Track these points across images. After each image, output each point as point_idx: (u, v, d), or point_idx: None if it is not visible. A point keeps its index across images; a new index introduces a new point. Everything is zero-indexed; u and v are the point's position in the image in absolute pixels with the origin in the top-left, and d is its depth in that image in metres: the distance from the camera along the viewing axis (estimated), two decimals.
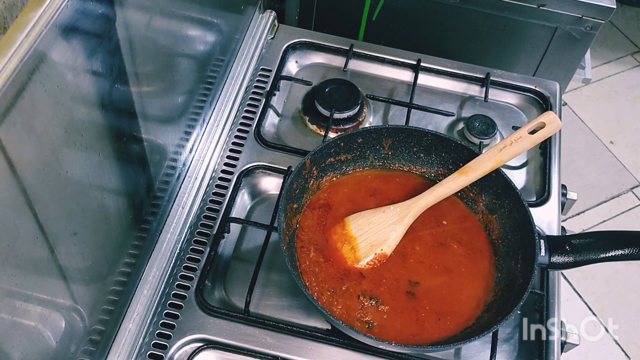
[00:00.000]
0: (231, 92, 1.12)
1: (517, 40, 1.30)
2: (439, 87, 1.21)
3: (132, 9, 0.72)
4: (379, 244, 0.91)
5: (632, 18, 2.53)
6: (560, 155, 1.11)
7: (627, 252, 0.85)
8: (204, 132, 1.05)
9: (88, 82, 0.65)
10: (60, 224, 0.65)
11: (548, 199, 1.05)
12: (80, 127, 0.65)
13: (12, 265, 0.57)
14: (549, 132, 0.92)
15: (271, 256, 0.95)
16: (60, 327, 0.70)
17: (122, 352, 0.84)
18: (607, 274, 1.85)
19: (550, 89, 1.20)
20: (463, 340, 0.81)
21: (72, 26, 0.59)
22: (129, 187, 0.81)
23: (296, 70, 1.22)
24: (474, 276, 0.91)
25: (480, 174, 0.93)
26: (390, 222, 0.92)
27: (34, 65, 0.54)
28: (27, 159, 0.57)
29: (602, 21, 1.21)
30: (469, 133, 1.12)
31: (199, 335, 0.87)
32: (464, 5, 1.25)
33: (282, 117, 1.14)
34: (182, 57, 0.91)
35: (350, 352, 0.88)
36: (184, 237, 0.95)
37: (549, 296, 0.94)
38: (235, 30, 1.14)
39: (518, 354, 0.90)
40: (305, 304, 0.91)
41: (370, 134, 0.98)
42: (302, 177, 0.93)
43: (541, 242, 0.88)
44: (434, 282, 0.90)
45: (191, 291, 0.91)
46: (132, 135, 0.80)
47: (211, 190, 1.01)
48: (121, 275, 0.84)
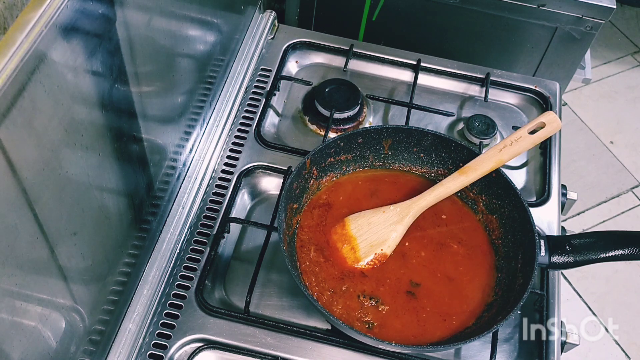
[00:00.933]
0: (231, 92, 1.12)
1: (517, 40, 1.30)
2: (439, 87, 1.21)
3: (132, 9, 0.72)
4: (379, 244, 0.91)
5: (632, 18, 2.53)
6: (560, 155, 1.11)
7: (627, 252, 0.85)
8: (204, 132, 1.05)
9: (88, 82, 0.65)
10: (60, 224, 0.65)
11: (548, 199, 1.05)
12: (80, 127, 0.65)
13: (12, 265, 0.57)
14: (549, 132, 0.92)
15: (271, 256, 0.95)
16: (60, 327, 0.70)
17: (122, 352, 0.84)
18: (607, 274, 1.85)
19: (550, 89, 1.20)
20: (463, 340, 0.81)
21: (72, 26, 0.59)
22: (129, 187, 0.81)
23: (296, 70, 1.22)
24: (474, 276, 0.91)
25: (480, 174, 0.93)
26: (390, 222, 0.92)
27: (34, 65, 0.54)
28: (27, 159, 0.57)
29: (602, 21, 1.21)
30: (469, 133, 1.12)
31: (199, 335, 0.87)
32: (464, 5, 1.25)
33: (282, 117, 1.14)
34: (182, 57, 0.91)
35: (350, 352, 0.88)
36: (184, 237, 0.95)
37: (549, 296, 0.94)
38: (235, 30, 1.14)
39: (518, 354, 0.90)
40: (305, 304, 0.91)
41: (370, 134, 0.98)
42: (302, 177, 0.93)
43: (541, 242, 0.88)
44: (434, 282, 0.90)
45: (191, 291, 0.91)
46: (132, 135, 0.80)
47: (211, 190, 1.01)
48: (121, 275, 0.84)
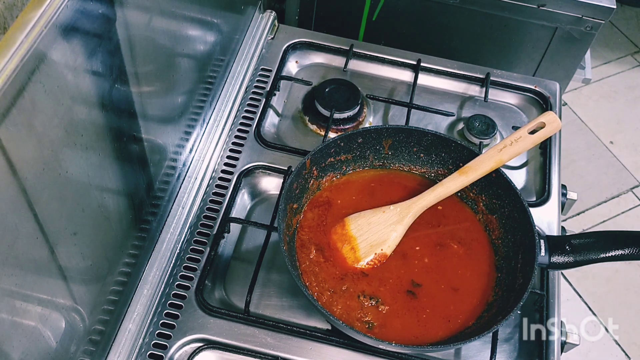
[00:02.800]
0: (231, 92, 1.12)
1: (517, 40, 1.30)
2: (439, 87, 1.21)
3: (132, 9, 0.72)
4: (379, 244, 0.91)
5: (632, 18, 2.53)
6: (560, 155, 1.11)
7: (627, 252, 0.85)
8: (204, 132, 1.05)
9: (88, 82, 0.65)
10: (60, 224, 0.65)
11: (548, 199, 1.05)
12: (80, 127, 0.65)
13: (12, 265, 0.57)
14: (549, 132, 0.92)
15: (271, 256, 0.95)
16: (60, 327, 0.70)
17: (122, 352, 0.84)
18: (607, 274, 1.85)
19: (550, 89, 1.20)
20: (463, 340, 0.81)
21: (72, 26, 0.59)
22: (129, 187, 0.81)
23: (296, 70, 1.22)
24: (473, 276, 0.91)
25: (480, 174, 0.93)
26: (390, 222, 0.92)
27: (34, 65, 0.54)
28: (27, 159, 0.57)
29: (602, 21, 1.21)
30: (469, 133, 1.12)
31: (199, 335, 0.87)
32: (464, 5, 1.25)
33: (282, 117, 1.14)
34: (182, 57, 0.91)
35: (350, 352, 0.88)
36: (184, 237, 0.95)
37: (549, 296, 0.94)
38: (235, 30, 1.14)
39: (518, 354, 0.90)
40: (305, 304, 0.91)
41: (370, 134, 0.98)
42: (302, 177, 0.93)
43: (541, 242, 0.88)
44: (434, 282, 0.90)
45: (191, 291, 0.91)
46: (132, 135, 0.80)
47: (211, 190, 1.01)
48: (121, 275, 0.84)
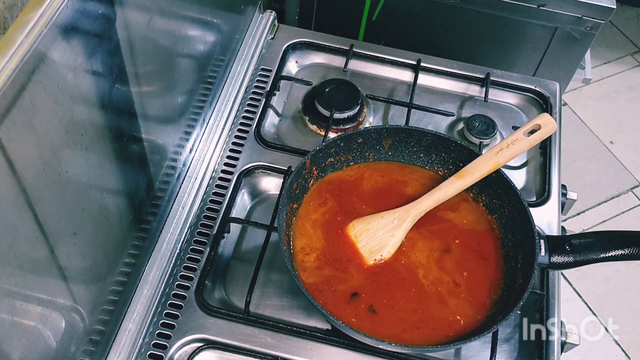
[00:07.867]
0: (231, 92, 1.12)
1: (517, 40, 1.30)
2: (439, 87, 1.21)
3: (132, 9, 0.72)
4: (379, 249, 0.91)
5: (632, 18, 2.53)
6: (560, 155, 1.11)
7: (627, 252, 0.85)
8: (204, 132, 1.05)
9: (88, 82, 0.65)
10: (60, 224, 0.65)
11: (548, 199, 1.05)
12: (80, 127, 0.65)
13: (12, 265, 0.57)
14: (545, 134, 0.92)
15: (271, 256, 0.95)
16: (60, 327, 0.70)
17: (122, 352, 0.84)
18: (607, 274, 1.85)
19: (550, 89, 1.20)
20: (463, 340, 0.81)
21: (72, 26, 0.59)
22: (129, 187, 0.81)
23: (296, 70, 1.22)
24: (474, 276, 0.91)
25: (478, 177, 0.93)
26: (389, 227, 0.92)
27: (34, 65, 0.54)
28: (27, 159, 0.57)
29: (602, 21, 1.21)
30: (469, 133, 1.12)
31: (199, 335, 0.87)
32: (464, 5, 1.25)
33: (282, 117, 1.14)
34: (182, 57, 0.91)
35: (350, 352, 0.88)
36: (184, 237, 0.95)
37: (549, 296, 0.94)
38: (235, 30, 1.14)
39: (518, 354, 0.90)
40: (305, 304, 0.91)
41: (370, 134, 0.98)
42: (302, 177, 0.93)
43: (541, 242, 0.88)
44: (434, 282, 0.90)
45: (191, 291, 0.91)
46: (132, 135, 0.80)
47: (211, 190, 1.01)
48: (121, 275, 0.84)
